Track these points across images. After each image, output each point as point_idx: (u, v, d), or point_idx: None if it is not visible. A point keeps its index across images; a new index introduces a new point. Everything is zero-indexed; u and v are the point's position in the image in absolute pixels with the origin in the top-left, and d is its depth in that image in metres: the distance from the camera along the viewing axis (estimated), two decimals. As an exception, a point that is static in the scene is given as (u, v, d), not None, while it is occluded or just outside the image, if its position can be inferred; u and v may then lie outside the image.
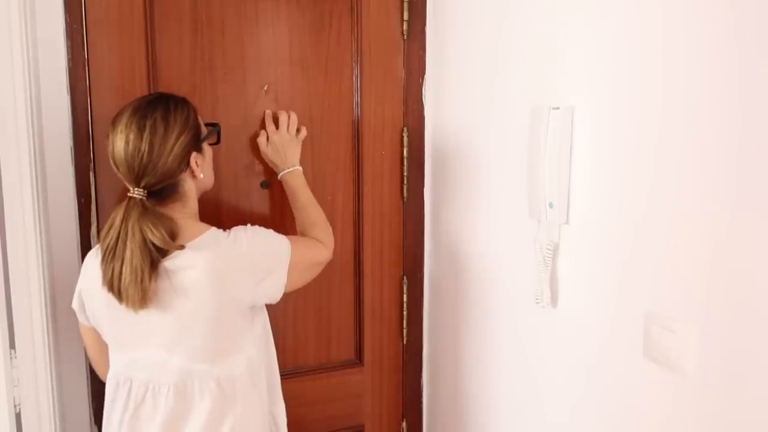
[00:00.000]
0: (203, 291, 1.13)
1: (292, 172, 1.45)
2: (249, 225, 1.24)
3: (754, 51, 0.81)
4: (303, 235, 1.40)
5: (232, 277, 1.16)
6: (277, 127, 1.48)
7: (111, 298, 1.13)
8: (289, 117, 1.49)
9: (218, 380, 1.18)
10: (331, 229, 1.42)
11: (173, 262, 1.12)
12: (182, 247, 1.13)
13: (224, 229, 1.21)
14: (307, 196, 1.44)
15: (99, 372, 1.33)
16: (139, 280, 1.09)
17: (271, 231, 1.26)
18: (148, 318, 1.14)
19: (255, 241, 1.21)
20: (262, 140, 1.48)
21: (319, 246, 1.36)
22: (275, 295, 1.24)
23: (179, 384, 1.17)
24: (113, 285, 1.12)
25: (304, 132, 1.51)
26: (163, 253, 1.12)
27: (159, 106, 1.17)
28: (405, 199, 1.71)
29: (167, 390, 1.17)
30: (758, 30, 0.80)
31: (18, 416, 1.23)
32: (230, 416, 1.18)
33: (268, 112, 1.51)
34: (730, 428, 0.88)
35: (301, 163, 1.48)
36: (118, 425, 1.19)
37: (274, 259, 1.23)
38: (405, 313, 1.75)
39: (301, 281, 1.31)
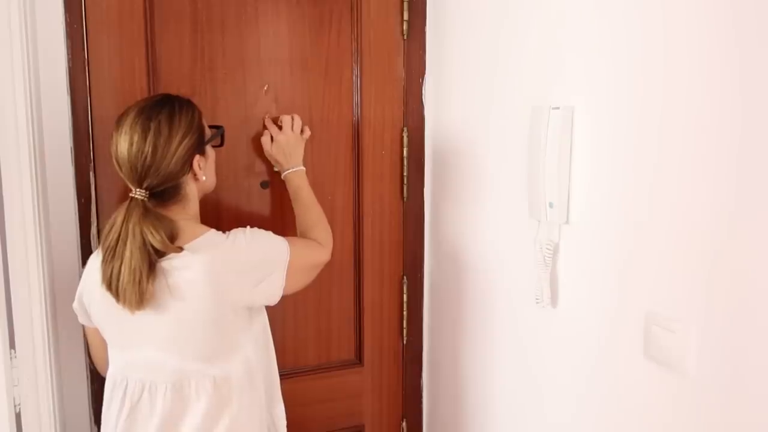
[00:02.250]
0: (198, 292, 1.13)
1: (296, 172, 1.45)
2: (248, 227, 1.24)
3: (755, 50, 0.81)
4: (303, 235, 1.40)
5: (230, 278, 1.16)
6: (279, 129, 1.48)
7: (110, 298, 1.13)
8: (293, 118, 1.49)
9: (214, 380, 1.18)
10: (330, 230, 1.42)
11: (170, 263, 1.12)
12: (180, 249, 1.13)
13: (224, 231, 1.21)
14: (309, 196, 1.44)
15: (101, 370, 1.33)
16: (137, 281, 1.09)
17: (270, 233, 1.25)
18: (145, 318, 1.14)
19: (254, 243, 1.21)
20: (266, 139, 1.47)
21: (319, 247, 1.36)
22: (273, 297, 1.24)
23: (176, 384, 1.17)
24: (111, 284, 1.12)
25: (308, 132, 1.51)
26: (161, 254, 1.12)
27: (164, 108, 1.16)
28: (405, 199, 1.71)
29: (164, 390, 1.17)
30: (759, 29, 0.80)
31: (18, 416, 1.23)
32: (226, 416, 1.18)
33: (269, 116, 1.51)
34: (730, 428, 0.88)
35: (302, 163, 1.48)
36: (114, 425, 1.19)
37: (273, 261, 1.23)
38: (405, 313, 1.75)
39: (300, 283, 1.30)
